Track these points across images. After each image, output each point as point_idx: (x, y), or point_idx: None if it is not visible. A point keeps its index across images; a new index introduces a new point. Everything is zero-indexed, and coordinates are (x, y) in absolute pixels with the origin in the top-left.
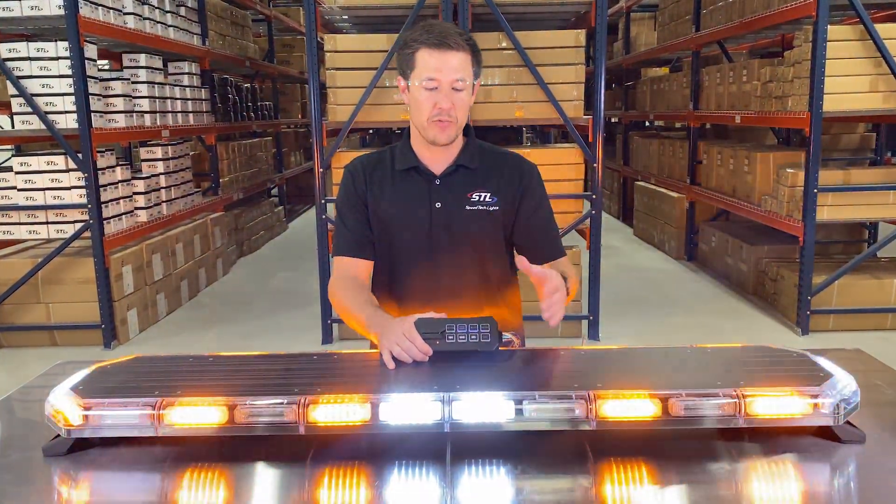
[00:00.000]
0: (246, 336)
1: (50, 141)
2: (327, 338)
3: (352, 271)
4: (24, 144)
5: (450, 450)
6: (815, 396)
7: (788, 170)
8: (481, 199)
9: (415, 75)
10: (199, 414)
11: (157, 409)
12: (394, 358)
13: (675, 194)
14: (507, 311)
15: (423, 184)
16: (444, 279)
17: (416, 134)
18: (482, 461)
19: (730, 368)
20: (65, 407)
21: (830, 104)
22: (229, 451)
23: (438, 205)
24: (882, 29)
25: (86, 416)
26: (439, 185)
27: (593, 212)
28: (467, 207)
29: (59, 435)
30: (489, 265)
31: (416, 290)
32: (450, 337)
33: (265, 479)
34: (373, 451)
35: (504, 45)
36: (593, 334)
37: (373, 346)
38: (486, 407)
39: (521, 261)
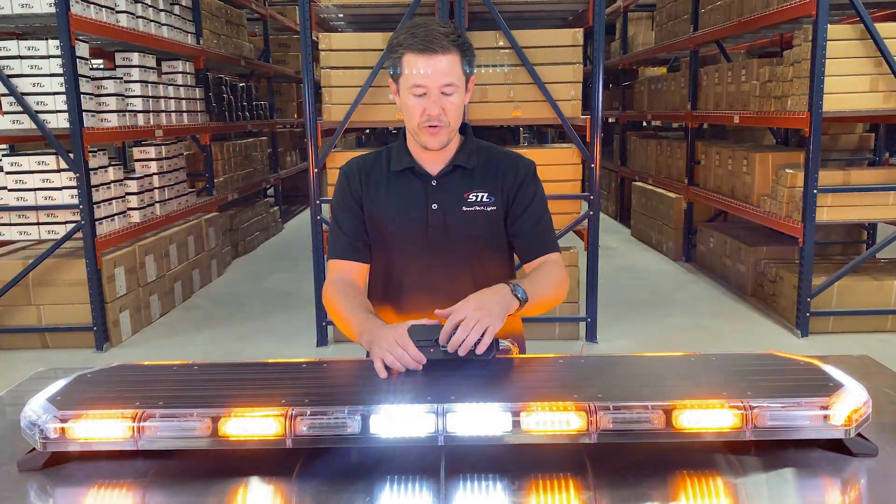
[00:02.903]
0: (240, 338)
1: (41, 140)
2: (322, 340)
3: (347, 275)
4: (14, 144)
5: (444, 464)
6: (826, 408)
7: (788, 170)
8: (478, 199)
9: (403, 81)
10: (181, 427)
11: (138, 422)
12: (386, 367)
13: (672, 195)
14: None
15: (419, 185)
16: (441, 281)
17: (411, 136)
18: (478, 476)
19: (736, 378)
20: (40, 419)
21: (830, 104)
22: (213, 464)
23: (435, 206)
24: (882, 28)
25: (62, 429)
26: (436, 186)
27: (591, 212)
28: (464, 208)
29: (34, 448)
30: (488, 266)
31: (413, 292)
32: (444, 345)
33: (250, 494)
34: (363, 466)
35: (501, 43)
36: (591, 336)
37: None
38: (481, 419)
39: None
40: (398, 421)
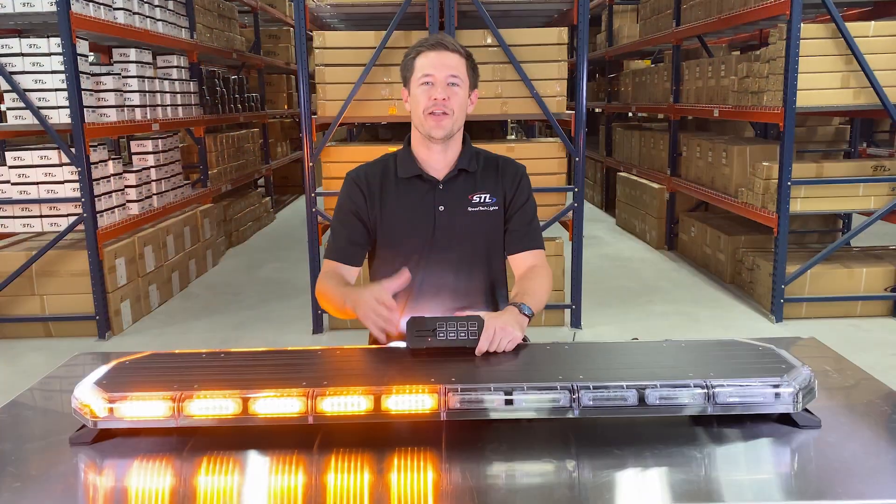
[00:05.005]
0: (237, 326)
1: (42, 135)
2: (318, 327)
3: (337, 275)
4: (16, 138)
5: (445, 436)
6: (777, 386)
7: (764, 163)
8: (482, 200)
9: (414, 78)
10: (215, 406)
11: (177, 402)
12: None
13: (656, 185)
14: None
15: (427, 190)
16: (447, 278)
17: (416, 137)
18: (476, 447)
19: (701, 361)
20: (91, 400)
21: (804, 100)
22: (242, 439)
23: (441, 208)
24: (853, 27)
25: (111, 409)
26: (442, 190)
27: (576, 204)
28: (469, 209)
29: (84, 426)
30: (490, 263)
31: (420, 290)
32: (440, 334)
33: (276, 465)
34: (376, 438)
35: (489, 41)
36: (576, 322)
37: (371, 340)
38: (478, 397)
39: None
40: (405, 400)
